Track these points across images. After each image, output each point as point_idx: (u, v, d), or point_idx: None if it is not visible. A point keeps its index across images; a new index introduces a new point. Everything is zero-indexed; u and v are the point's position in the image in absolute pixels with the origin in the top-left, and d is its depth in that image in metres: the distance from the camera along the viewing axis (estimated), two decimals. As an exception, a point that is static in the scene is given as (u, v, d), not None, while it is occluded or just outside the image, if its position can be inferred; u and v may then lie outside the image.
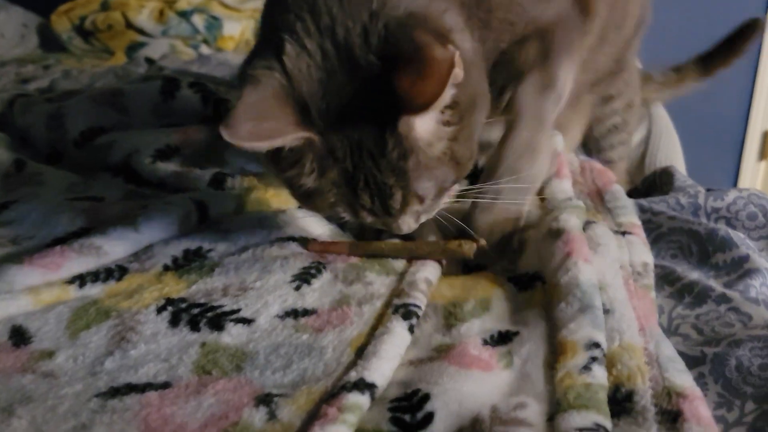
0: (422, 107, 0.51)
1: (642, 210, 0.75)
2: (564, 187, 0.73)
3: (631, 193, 0.87)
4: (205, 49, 1.86)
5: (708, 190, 0.80)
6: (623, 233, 0.66)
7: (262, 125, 0.52)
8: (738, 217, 0.73)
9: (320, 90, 0.54)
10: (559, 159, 0.77)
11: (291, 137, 0.53)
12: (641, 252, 0.63)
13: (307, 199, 0.60)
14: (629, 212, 0.70)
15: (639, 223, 0.68)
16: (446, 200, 0.63)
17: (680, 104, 1.59)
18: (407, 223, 0.61)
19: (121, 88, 0.97)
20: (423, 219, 0.62)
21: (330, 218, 0.75)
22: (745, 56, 2.11)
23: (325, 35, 0.55)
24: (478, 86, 0.61)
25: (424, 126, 0.54)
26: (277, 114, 0.53)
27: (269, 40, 0.58)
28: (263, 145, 0.53)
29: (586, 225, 0.65)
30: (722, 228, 0.69)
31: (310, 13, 0.55)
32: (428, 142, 0.55)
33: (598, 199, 0.73)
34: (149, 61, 1.71)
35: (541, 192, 0.74)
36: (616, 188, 0.74)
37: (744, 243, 0.68)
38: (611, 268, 0.59)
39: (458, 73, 0.52)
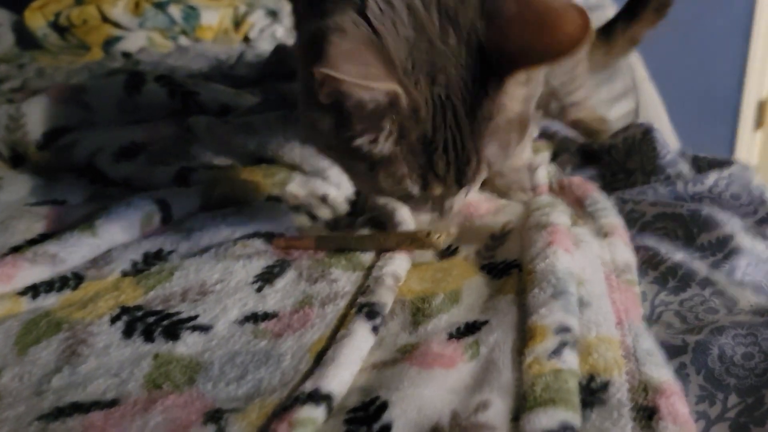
0: (563, 54, 0.48)
1: (623, 201, 0.72)
2: (547, 198, 0.72)
3: (610, 152, 0.84)
4: (183, 41, 1.83)
5: (694, 157, 0.78)
6: (605, 235, 0.64)
7: (360, 68, 0.48)
8: (722, 198, 0.70)
9: (406, 47, 0.51)
10: (540, 187, 0.77)
11: (387, 85, 0.49)
12: (623, 252, 0.61)
13: (369, 176, 0.55)
14: (610, 214, 0.68)
15: (621, 223, 0.66)
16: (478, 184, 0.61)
17: (674, 76, 1.56)
18: (458, 203, 0.59)
19: (83, 84, 0.94)
20: (465, 198, 0.61)
21: (298, 210, 0.73)
22: (737, 23, 2.08)
23: None
24: None
25: (517, 84, 0.52)
26: (371, 62, 0.49)
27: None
28: (369, 85, 0.48)
29: (570, 226, 0.63)
30: (705, 208, 0.66)
31: None
32: (513, 100, 0.53)
33: (579, 207, 0.71)
34: (126, 55, 1.68)
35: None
36: (596, 193, 0.72)
37: (729, 221, 0.65)
38: (592, 263, 0.57)
39: None
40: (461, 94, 0.52)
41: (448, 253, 0.65)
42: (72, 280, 0.61)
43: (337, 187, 0.73)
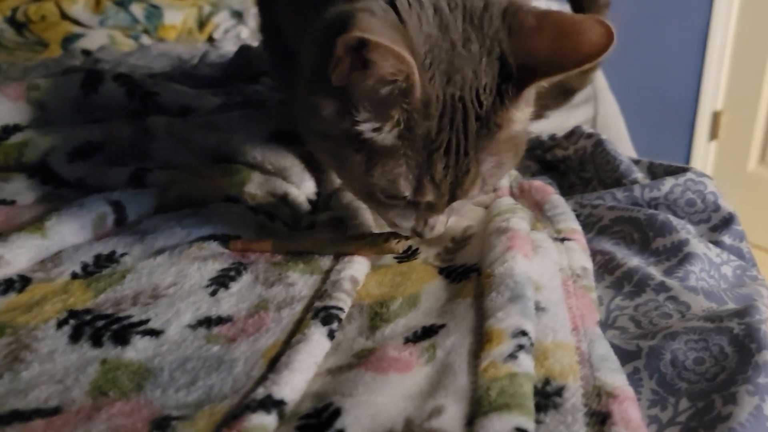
0: (587, 59, 0.49)
1: (581, 206, 0.73)
2: (508, 201, 0.72)
3: (565, 162, 0.85)
4: (146, 40, 1.79)
5: (650, 164, 0.79)
6: (562, 240, 0.64)
7: (390, 38, 0.47)
8: (677, 204, 0.71)
9: (428, 42, 0.51)
10: (502, 189, 0.77)
11: (412, 61, 0.48)
12: (580, 257, 0.61)
13: (362, 170, 0.54)
14: (569, 218, 0.68)
15: (579, 228, 0.67)
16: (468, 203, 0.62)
17: (631, 86, 1.59)
18: (442, 224, 0.59)
19: (37, 82, 0.90)
20: (446, 224, 0.60)
21: (256, 211, 0.71)
22: (693, 36, 2.13)
23: None
24: None
25: (528, 98, 0.54)
26: (397, 41, 0.48)
27: None
28: (400, 53, 0.47)
29: (529, 232, 0.63)
30: (662, 213, 0.67)
31: None
32: (520, 118, 0.54)
33: (538, 211, 0.72)
34: (86, 53, 1.64)
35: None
36: (555, 198, 0.73)
37: (684, 227, 0.66)
38: (550, 269, 0.57)
39: None
40: (475, 100, 0.52)
41: (408, 254, 0.65)
42: (18, 282, 0.59)
43: (297, 186, 0.72)
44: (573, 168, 0.86)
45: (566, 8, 1.68)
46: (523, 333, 0.47)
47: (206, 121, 0.85)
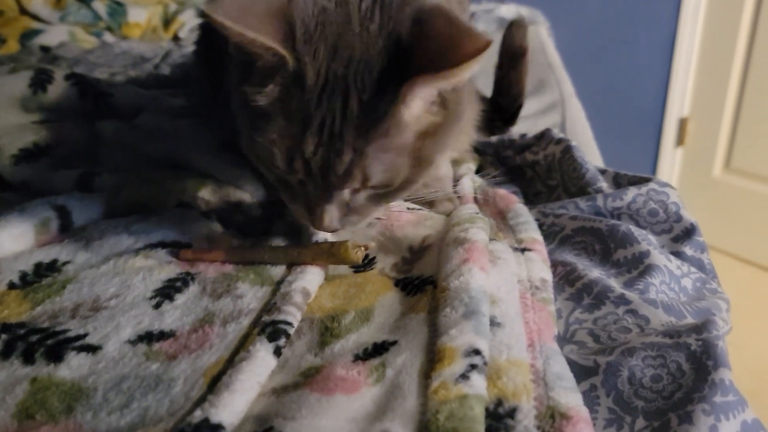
0: (456, 63, 0.47)
1: (544, 215, 0.72)
2: (469, 209, 0.71)
3: (533, 167, 0.84)
4: (109, 37, 1.75)
5: (615, 174, 0.78)
6: (523, 250, 0.63)
7: (248, 18, 0.48)
8: (639, 214, 0.70)
9: (321, 16, 0.51)
10: (465, 197, 0.76)
11: (269, 44, 0.49)
12: (540, 269, 0.60)
13: (253, 128, 0.54)
14: (530, 228, 0.67)
15: (540, 239, 0.65)
16: (376, 214, 0.60)
17: (599, 93, 1.58)
18: (331, 216, 0.55)
19: (-17, 80, 0.87)
20: (349, 225, 0.58)
21: (209, 216, 0.69)
22: (661, 45, 2.16)
23: None
24: (464, 109, 0.60)
25: (419, 99, 0.52)
26: (263, 19, 0.49)
27: None
28: (245, 34, 0.48)
29: (488, 242, 0.61)
30: (624, 224, 0.66)
31: None
32: (411, 117, 0.52)
33: (501, 219, 0.70)
34: (44, 49, 1.59)
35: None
36: (519, 207, 0.71)
37: (645, 239, 0.65)
38: (507, 282, 0.55)
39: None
40: (360, 79, 0.50)
41: (364, 263, 0.63)
42: (-51, 293, 0.55)
43: (251, 194, 0.70)
44: (540, 174, 0.84)
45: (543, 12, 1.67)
46: (476, 352, 0.45)
47: (153, 130, 0.82)
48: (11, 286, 0.57)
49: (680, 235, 0.69)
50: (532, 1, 1.92)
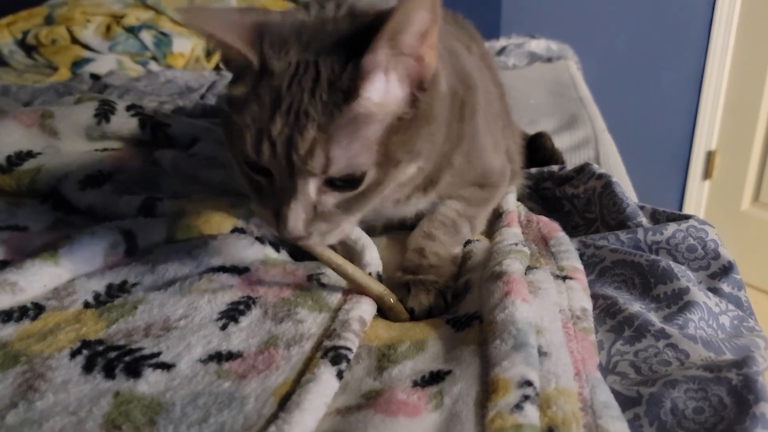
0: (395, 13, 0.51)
1: (585, 245, 0.74)
2: (514, 232, 0.74)
3: (572, 201, 0.87)
4: (154, 66, 1.82)
5: (653, 211, 0.81)
6: (564, 278, 0.65)
7: (217, 22, 0.55)
8: (678, 250, 0.72)
9: (290, 26, 0.57)
10: (510, 213, 0.79)
11: (237, 46, 0.55)
12: (581, 298, 0.62)
13: (231, 117, 0.57)
14: (572, 257, 0.70)
15: (581, 267, 0.68)
16: (347, 225, 0.60)
17: (627, 125, 1.60)
18: (297, 217, 0.55)
19: (51, 109, 0.92)
20: (318, 233, 0.58)
21: (263, 241, 0.72)
22: (688, 77, 2.18)
23: None
24: (438, 114, 0.61)
25: (381, 74, 0.55)
26: (234, 28, 0.56)
27: None
28: (213, 34, 0.55)
29: (528, 270, 0.64)
30: (663, 260, 0.68)
31: None
32: (376, 104, 0.55)
33: (543, 245, 0.73)
34: (94, 77, 1.66)
35: (492, 237, 0.76)
36: (561, 235, 0.74)
37: (685, 275, 0.67)
38: (550, 312, 0.58)
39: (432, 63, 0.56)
40: (330, 62, 0.54)
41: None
42: (32, 310, 0.60)
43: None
44: (578, 208, 0.87)
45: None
46: (528, 383, 0.47)
47: (210, 158, 0.87)
48: (86, 305, 0.61)
49: (717, 272, 0.71)
50: (561, 35, 1.96)
